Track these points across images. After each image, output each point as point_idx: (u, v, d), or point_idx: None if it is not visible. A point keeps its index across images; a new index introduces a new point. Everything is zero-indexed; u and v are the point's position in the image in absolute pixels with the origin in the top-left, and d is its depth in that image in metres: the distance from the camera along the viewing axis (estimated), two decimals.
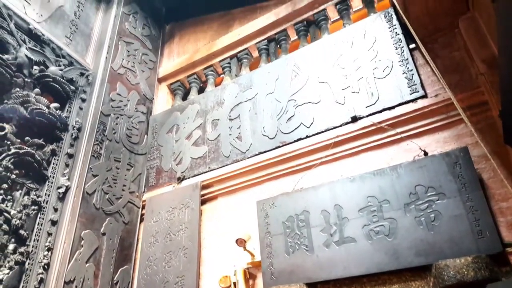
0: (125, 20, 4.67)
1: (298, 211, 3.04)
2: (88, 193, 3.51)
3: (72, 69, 3.87)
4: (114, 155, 3.91)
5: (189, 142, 4.15)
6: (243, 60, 4.55)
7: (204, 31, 5.16)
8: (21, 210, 3.10)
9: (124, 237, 3.71)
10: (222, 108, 4.12)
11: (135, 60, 4.63)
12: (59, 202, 3.37)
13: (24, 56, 3.44)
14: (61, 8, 4.08)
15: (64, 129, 3.65)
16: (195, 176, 3.89)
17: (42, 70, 3.55)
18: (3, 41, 3.35)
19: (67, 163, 3.55)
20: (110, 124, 3.97)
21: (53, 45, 3.76)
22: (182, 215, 3.67)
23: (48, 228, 3.24)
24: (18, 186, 3.17)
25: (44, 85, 3.57)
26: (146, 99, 4.62)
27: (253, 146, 3.66)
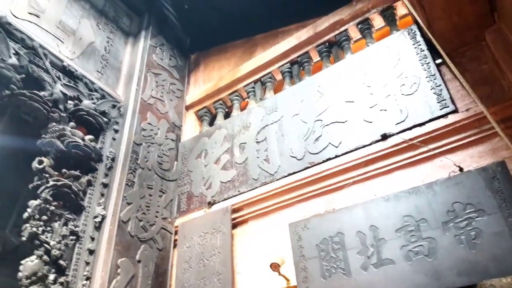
0: (153, 52, 4.86)
1: (332, 233, 3.00)
2: (123, 221, 3.59)
3: (105, 102, 4.04)
4: (146, 182, 4.00)
5: (217, 167, 4.21)
6: (267, 83, 4.62)
7: (227, 58, 5.30)
8: (60, 240, 3.20)
9: (159, 264, 3.75)
10: (249, 131, 4.17)
11: (163, 90, 4.79)
12: (96, 231, 3.46)
13: (59, 92, 3.62)
14: (92, 45, 4.31)
15: (99, 160, 3.79)
16: (225, 200, 3.92)
17: (76, 104, 3.73)
18: (39, 79, 3.55)
19: (102, 192, 3.66)
20: (142, 153, 4.08)
21: (85, 80, 3.96)
22: (214, 240, 3.68)
23: (86, 258, 3.32)
24: (57, 217, 3.29)
25: (79, 118, 3.74)
26: (175, 127, 4.74)
27: (282, 168, 3.67)
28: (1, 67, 3.23)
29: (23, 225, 3.09)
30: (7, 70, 3.25)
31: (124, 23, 4.96)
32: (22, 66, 3.39)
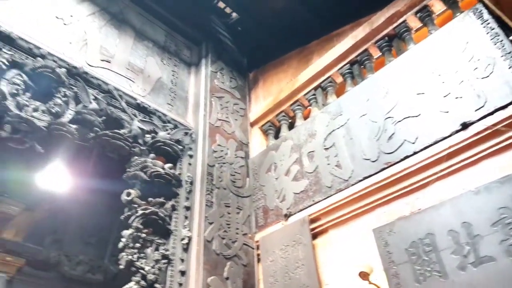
0: (214, 77, 5.09)
1: (421, 235, 2.84)
2: (208, 241, 3.74)
3: (178, 131, 4.31)
4: (223, 201, 4.15)
5: (288, 178, 4.23)
6: (328, 88, 4.57)
7: (284, 71, 5.36)
8: (153, 265, 3.43)
9: (246, 280, 3.83)
10: (315, 139, 4.15)
11: (227, 111, 4.97)
12: (184, 253, 3.66)
13: (137, 128, 3.94)
14: (160, 80, 4.64)
15: (179, 185, 4.02)
16: (301, 211, 3.90)
17: (153, 137, 4.03)
18: (118, 119, 3.90)
19: (186, 215, 3.87)
20: (216, 173, 4.25)
21: (158, 113, 4.26)
22: (295, 252, 3.67)
23: (179, 279, 3.51)
24: (148, 243, 3.54)
25: (157, 149, 4.03)
26: (242, 144, 4.88)
27: (355, 172, 3.58)
28: (84, 113, 3.61)
29: (120, 254, 3.38)
30: (89, 115, 3.62)
31: (185, 54, 5.27)
32: (101, 109, 3.75)
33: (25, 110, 3.31)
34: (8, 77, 3.30)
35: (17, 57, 3.41)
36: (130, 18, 4.77)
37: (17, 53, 3.42)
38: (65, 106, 3.56)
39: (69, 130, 3.49)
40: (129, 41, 4.58)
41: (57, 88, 3.56)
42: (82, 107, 3.64)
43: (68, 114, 3.55)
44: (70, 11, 4.11)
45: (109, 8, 4.56)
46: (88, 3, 4.36)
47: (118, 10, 4.66)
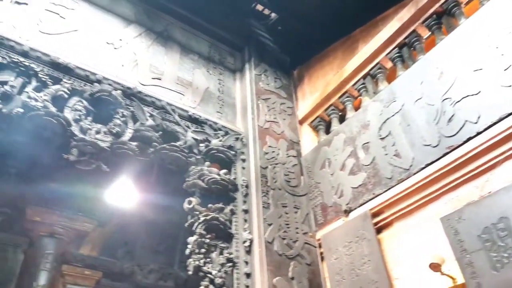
0: (259, 80, 5.13)
1: (493, 219, 2.63)
2: (269, 242, 3.77)
3: (229, 137, 4.41)
4: (280, 201, 4.16)
5: (344, 173, 4.13)
6: (378, 75, 4.40)
7: (330, 63, 5.25)
8: (220, 269, 3.53)
9: (311, 279, 3.80)
10: (369, 129, 4.02)
11: (275, 112, 4.98)
12: (248, 255, 3.72)
13: (191, 138, 4.10)
14: (208, 90, 4.78)
15: (235, 190, 4.11)
16: (361, 206, 3.80)
17: (207, 145, 4.16)
18: (173, 132, 4.08)
19: (245, 218, 3.94)
20: (270, 175, 4.28)
21: (209, 122, 4.39)
22: (360, 248, 3.58)
23: (245, 281, 3.57)
24: (213, 248, 3.66)
25: (211, 157, 4.15)
26: (293, 143, 4.86)
27: (416, 160, 3.41)
28: (142, 130, 3.82)
29: (187, 260, 3.52)
30: (147, 132, 3.83)
31: (229, 62, 5.39)
32: (157, 125, 3.95)
33: (88, 133, 3.58)
34: (70, 105, 3.60)
35: (76, 85, 3.69)
36: (174, 34, 4.97)
37: (76, 81, 3.71)
38: (124, 125, 3.80)
39: (130, 148, 3.71)
40: (176, 57, 4.77)
41: (115, 110, 3.80)
42: (139, 125, 3.86)
43: (127, 133, 3.79)
44: (119, 35, 4.38)
45: (154, 28, 4.79)
46: (134, 25, 4.62)
47: (163, 28, 4.88)
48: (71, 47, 3.91)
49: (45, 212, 4.45)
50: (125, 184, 4.22)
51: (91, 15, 4.30)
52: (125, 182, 4.16)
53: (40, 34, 3.78)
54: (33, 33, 3.73)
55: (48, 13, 3.96)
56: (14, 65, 3.41)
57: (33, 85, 3.46)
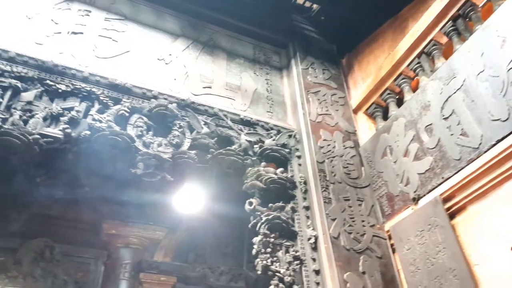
0: (306, 74, 5.07)
1: None
2: (335, 237, 3.70)
3: (281, 135, 4.42)
4: (341, 195, 4.06)
5: (408, 159, 3.93)
6: (433, 52, 4.13)
7: (380, 46, 5.04)
8: (287, 267, 3.54)
9: (384, 272, 3.67)
10: (431, 110, 3.78)
11: (326, 104, 4.88)
12: (314, 252, 3.68)
13: (245, 141, 4.16)
14: (256, 91, 4.83)
15: (294, 187, 4.10)
16: (431, 192, 3.58)
17: (261, 146, 4.20)
18: (227, 136, 4.18)
19: (307, 215, 3.91)
20: (328, 169, 4.20)
21: (261, 123, 4.43)
22: (433, 236, 3.38)
23: (315, 278, 3.54)
24: (278, 247, 3.68)
25: (266, 157, 4.18)
26: (349, 134, 4.72)
27: (485, 137, 3.14)
28: (199, 138, 3.96)
29: (255, 261, 3.58)
30: (203, 139, 3.96)
31: (275, 60, 5.39)
32: (212, 132, 4.08)
33: (151, 147, 3.80)
34: (132, 122, 3.83)
35: (135, 103, 3.93)
36: (219, 42, 5.08)
37: (134, 100, 3.95)
38: (182, 136, 3.97)
39: (190, 156, 3.87)
40: (223, 63, 4.88)
41: (173, 122, 3.98)
42: (196, 134, 4.01)
43: (186, 143, 3.95)
44: (168, 51, 4.58)
45: (200, 39, 4.94)
46: (181, 39, 4.79)
47: (208, 37, 5.02)
48: (126, 68, 4.16)
49: (119, 225, 4.78)
50: (188, 191, 4.40)
51: (141, 35, 4.53)
52: (189, 189, 4.33)
53: (97, 59, 4.07)
54: (91, 59, 4.03)
55: (101, 38, 4.25)
56: (77, 91, 3.71)
57: (96, 107, 3.74)
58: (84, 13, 4.32)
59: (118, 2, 4.64)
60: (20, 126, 3.30)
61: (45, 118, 3.47)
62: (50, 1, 4.22)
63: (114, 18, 4.48)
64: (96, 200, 4.86)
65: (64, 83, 3.68)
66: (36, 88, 3.56)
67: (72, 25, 4.16)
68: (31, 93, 3.52)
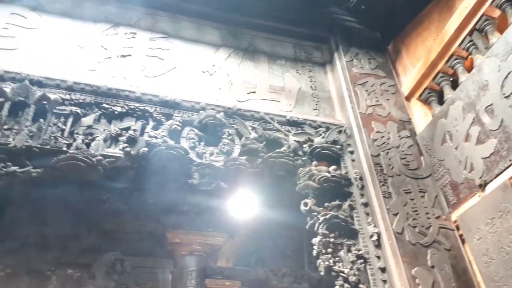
0: (351, 66, 4.94)
1: None
2: (398, 233, 3.56)
3: (331, 132, 4.34)
4: (402, 188, 3.90)
5: (470, 144, 3.68)
6: (486, 28, 3.85)
7: (426, 28, 4.79)
8: (351, 267, 3.47)
9: (454, 264, 3.48)
10: (489, 90, 3.52)
11: (376, 94, 4.72)
12: (378, 249, 3.58)
13: (293, 142, 4.15)
14: (300, 90, 4.79)
15: (349, 184, 4.01)
16: (498, 176, 3.32)
17: (310, 145, 4.15)
18: (275, 139, 4.18)
19: (366, 212, 3.81)
20: (384, 162, 4.05)
21: (308, 122, 4.38)
22: (505, 223, 3.14)
23: (381, 276, 3.44)
24: (339, 246, 3.62)
25: (317, 155, 4.13)
26: (403, 123, 4.53)
27: None
28: (248, 144, 4.02)
29: (317, 261, 3.55)
30: (252, 144, 4.01)
31: (316, 56, 5.31)
32: (260, 136, 4.11)
33: (204, 157, 3.92)
34: (184, 135, 3.98)
35: (185, 116, 4.07)
36: (259, 46, 5.11)
37: (185, 113, 4.09)
38: (232, 143, 4.05)
39: (241, 162, 3.94)
40: (265, 67, 4.91)
41: (222, 130, 4.08)
42: (244, 140, 4.07)
43: (236, 149, 4.03)
44: (211, 62, 4.69)
45: (240, 46, 5.00)
46: (222, 49, 4.89)
47: (248, 43, 5.07)
48: (174, 84, 4.33)
49: (182, 234, 4.98)
50: (243, 196, 4.47)
51: (184, 50, 4.69)
52: (243, 194, 4.41)
53: (147, 79, 4.28)
54: (141, 79, 4.24)
55: (149, 58, 4.46)
56: (132, 111, 3.93)
57: (151, 125, 3.93)
58: (130, 35, 4.57)
59: (160, 21, 4.84)
60: (84, 149, 3.56)
61: (105, 139, 3.72)
62: (98, 29, 4.51)
63: (158, 37, 4.68)
64: (159, 212, 5.10)
65: (119, 105, 3.92)
66: (94, 112, 3.83)
67: (120, 48, 4.41)
68: (90, 118, 3.79)
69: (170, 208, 5.17)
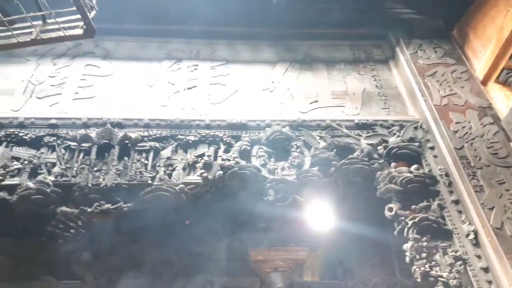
0: (416, 58, 4.71)
1: None
2: (497, 228, 3.26)
3: (406, 130, 4.12)
4: (493, 180, 3.58)
5: None
6: None
7: (494, 6, 4.43)
8: (450, 270, 3.22)
9: None
10: None
11: (447, 83, 4.43)
12: (477, 248, 3.29)
13: (366, 145, 4.01)
14: (365, 91, 4.66)
15: (435, 182, 3.76)
16: None
17: (385, 146, 3.98)
18: (346, 145, 4.08)
19: (458, 209, 3.54)
20: (470, 154, 3.76)
21: (379, 122, 4.22)
22: None
23: (484, 277, 3.15)
24: (433, 250, 3.38)
25: (394, 156, 3.93)
26: (484, 109, 4.19)
27: None
28: (318, 154, 3.96)
29: (412, 268, 3.36)
30: (322, 154, 3.95)
31: (377, 54, 5.15)
32: (329, 144, 4.04)
33: (276, 172, 3.95)
34: (254, 153, 4.06)
35: (253, 135, 4.15)
36: (315, 54, 5.09)
37: (252, 133, 4.17)
38: (302, 155, 4.03)
39: (314, 174, 3.89)
40: (324, 74, 4.86)
41: (289, 144, 4.08)
42: (314, 150, 4.03)
43: (307, 161, 4.00)
44: (270, 79, 4.76)
45: (296, 58, 5.03)
46: (279, 64, 4.95)
47: (304, 54, 5.08)
48: (238, 106, 4.46)
49: (264, 251, 5.01)
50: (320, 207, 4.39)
51: (243, 72, 4.83)
52: (320, 205, 4.33)
53: (213, 106, 4.47)
54: (208, 107, 4.44)
55: (212, 86, 4.66)
56: (204, 138, 4.11)
57: (222, 148, 4.07)
58: (192, 68, 4.83)
59: (218, 49, 5.07)
60: (167, 180, 3.80)
61: (184, 168, 3.92)
62: (163, 67, 4.84)
63: (218, 65, 4.89)
64: (239, 231, 5.21)
65: (192, 134, 4.12)
66: (171, 144, 4.07)
67: (186, 81, 4.67)
68: (168, 150, 4.04)
69: (249, 226, 5.25)
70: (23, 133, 3.98)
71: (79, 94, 4.48)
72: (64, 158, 3.86)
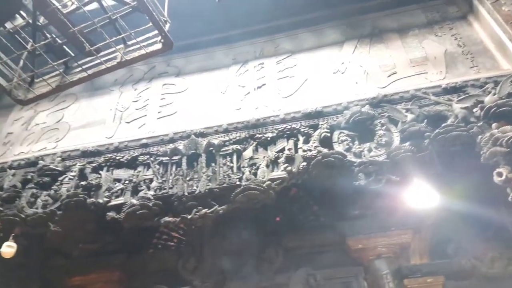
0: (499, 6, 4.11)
1: None
2: None
3: (502, 85, 3.63)
4: None
5: None
6: None
7: None
8: None
9: None
10: None
11: None
12: None
13: (460, 110, 3.65)
14: (447, 52, 4.27)
15: None
16: None
17: (481, 107, 3.56)
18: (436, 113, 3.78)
19: None
20: None
21: (470, 83, 3.84)
22: None
23: None
24: None
25: (494, 116, 3.49)
26: None
27: None
28: (407, 128, 3.72)
29: None
30: (412, 127, 3.70)
31: (452, 11, 4.70)
32: (418, 115, 3.77)
33: (363, 155, 3.77)
34: (335, 139, 3.93)
35: (330, 121, 4.05)
36: (384, 24, 4.82)
37: (329, 119, 4.07)
38: (389, 132, 3.81)
39: (406, 149, 3.63)
40: (398, 43, 4.57)
41: (373, 123, 3.89)
42: (401, 125, 3.78)
43: (395, 138, 3.77)
44: (339, 61, 4.61)
45: (364, 33, 4.81)
46: (346, 43, 4.76)
47: (371, 27, 4.83)
48: (310, 94, 4.39)
49: (363, 239, 4.81)
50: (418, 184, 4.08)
51: (310, 60, 4.75)
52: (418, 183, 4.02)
53: (284, 99, 4.46)
54: (279, 101, 4.44)
55: (281, 80, 4.66)
56: (281, 133, 4.12)
57: (301, 140, 4.03)
58: (259, 67, 4.89)
59: (281, 43, 5.06)
60: (253, 179, 3.87)
61: (267, 165, 3.96)
62: (232, 73, 4.97)
63: (283, 58, 4.88)
64: (334, 221, 5.10)
65: (269, 131, 4.16)
66: (251, 144, 4.16)
67: (255, 81, 4.74)
68: (249, 150, 4.13)
69: (342, 215, 5.11)
70: (120, 156, 4.39)
71: (162, 112, 4.81)
72: (159, 173, 4.16)
